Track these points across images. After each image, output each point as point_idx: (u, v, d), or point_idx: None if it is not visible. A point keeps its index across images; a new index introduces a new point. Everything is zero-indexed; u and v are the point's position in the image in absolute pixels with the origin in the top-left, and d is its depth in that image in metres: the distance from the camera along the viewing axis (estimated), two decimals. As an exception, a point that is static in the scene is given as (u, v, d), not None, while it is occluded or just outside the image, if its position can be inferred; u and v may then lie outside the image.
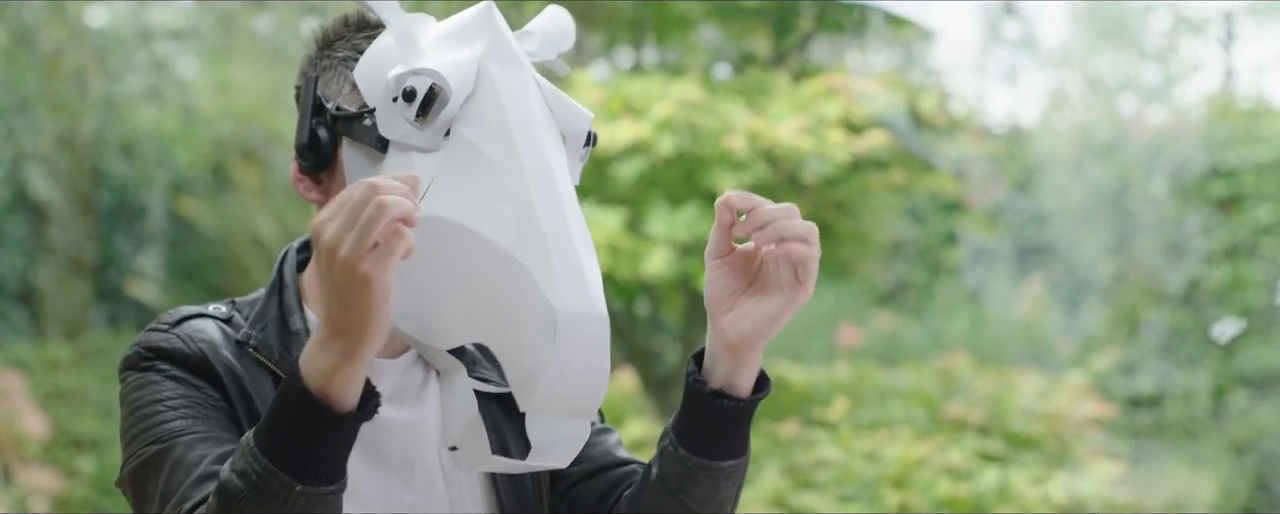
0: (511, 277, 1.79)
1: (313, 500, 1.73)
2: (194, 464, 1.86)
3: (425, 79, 1.86)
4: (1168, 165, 12.46)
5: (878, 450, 7.37)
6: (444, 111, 1.86)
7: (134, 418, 1.93)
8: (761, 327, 1.91)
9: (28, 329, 11.20)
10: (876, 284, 13.23)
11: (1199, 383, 11.84)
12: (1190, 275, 11.92)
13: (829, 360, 10.98)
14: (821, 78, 7.81)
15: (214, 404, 1.94)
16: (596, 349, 1.77)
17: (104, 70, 11.68)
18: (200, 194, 11.87)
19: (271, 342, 1.98)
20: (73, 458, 9.62)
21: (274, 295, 2.04)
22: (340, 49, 2.00)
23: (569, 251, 1.77)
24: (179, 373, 1.95)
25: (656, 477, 1.99)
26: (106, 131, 11.77)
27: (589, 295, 1.76)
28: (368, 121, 1.91)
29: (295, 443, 1.72)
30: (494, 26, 1.91)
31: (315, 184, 2.00)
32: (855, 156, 7.57)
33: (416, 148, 1.87)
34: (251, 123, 11.48)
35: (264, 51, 12.02)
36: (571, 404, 1.79)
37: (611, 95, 7.33)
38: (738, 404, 1.94)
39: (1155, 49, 17.70)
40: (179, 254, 12.14)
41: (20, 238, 11.24)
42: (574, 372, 1.76)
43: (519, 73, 1.88)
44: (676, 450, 1.96)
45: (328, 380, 1.70)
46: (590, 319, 1.76)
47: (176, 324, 1.99)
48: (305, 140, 1.98)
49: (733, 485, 2.00)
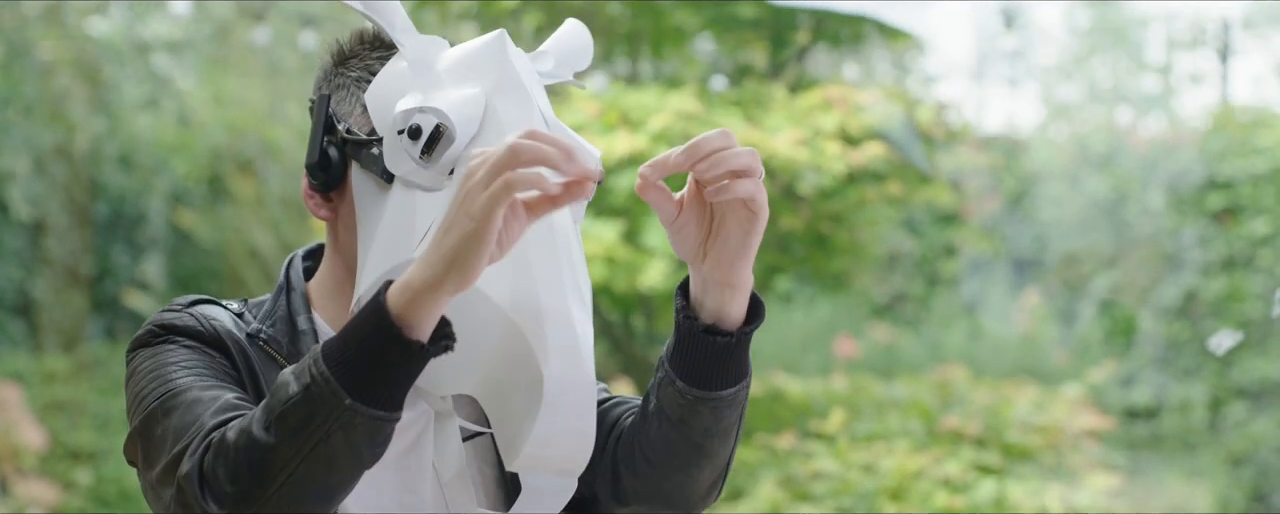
0: (504, 335, 1.79)
1: (360, 419, 1.71)
2: (211, 400, 1.85)
3: (431, 118, 1.85)
4: (1165, 177, 12.46)
5: (875, 462, 7.37)
6: (449, 152, 1.85)
7: (142, 382, 1.92)
8: (737, 258, 1.86)
9: (25, 341, 11.20)
10: (873, 296, 13.23)
11: (1196, 395, 11.84)
12: (1187, 287, 11.92)
13: (826, 372, 10.97)
14: (818, 90, 7.81)
15: (226, 371, 1.93)
16: (583, 415, 1.77)
17: (100, 81, 11.68)
18: (197, 205, 11.87)
19: (281, 338, 1.99)
20: (70, 470, 9.61)
21: (281, 297, 2.04)
22: (354, 68, 1.99)
23: (563, 315, 1.77)
24: (191, 343, 1.95)
25: (656, 408, 1.96)
26: (103, 143, 11.77)
27: (579, 361, 1.76)
28: (376, 150, 1.91)
29: (359, 357, 1.70)
30: (505, 58, 1.89)
31: (325, 202, 2.00)
32: (852, 168, 7.57)
33: (420, 186, 1.86)
34: (248, 134, 11.48)
35: (261, 63, 12.03)
36: (556, 466, 1.79)
37: (608, 107, 7.34)
38: (731, 338, 1.90)
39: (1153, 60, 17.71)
40: (176, 265, 12.13)
41: (17, 249, 11.24)
42: (559, 436, 1.76)
43: (526, 111, 1.86)
44: (675, 383, 1.92)
45: (407, 302, 1.68)
46: (578, 386, 1.76)
47: (190, 306, 2.00)
48: (316, 159, 1.97)
49: (736, 410, 1.96)
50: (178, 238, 12.01)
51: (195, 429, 1.81)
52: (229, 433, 1.76)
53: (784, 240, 8.10)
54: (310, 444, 1.72)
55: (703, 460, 1.97)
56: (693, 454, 1.96)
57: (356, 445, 1.73)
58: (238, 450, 1.75)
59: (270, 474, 1.74)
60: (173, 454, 1.82)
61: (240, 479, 1.74)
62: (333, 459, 1.73)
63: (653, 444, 1.96)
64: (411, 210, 1.86)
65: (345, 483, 1.78)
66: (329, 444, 1.72)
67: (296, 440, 1.72)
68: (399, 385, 1.73)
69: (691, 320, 1.91)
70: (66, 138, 11.30)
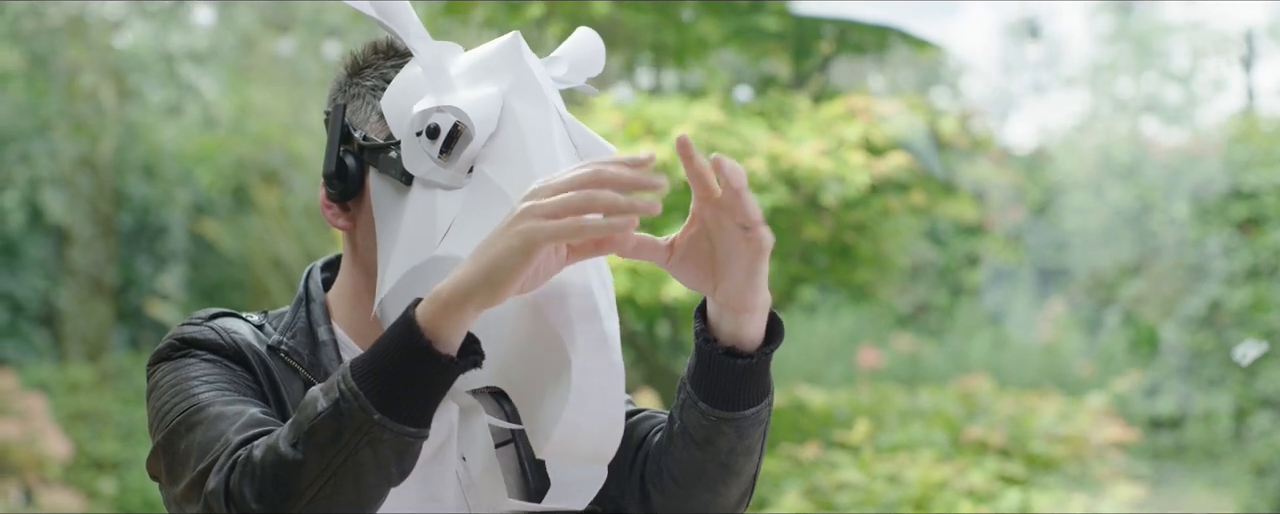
0: (529, 324, 1.79)
1: (389, 434, 1.71)
2: (236, 415, 1.83)
3: (449, 117, 1.85)
4: (1188, 187, 12.44)
5: (899, 473, 7.36)
6: (467, 150, 1.85)
7: (165, 396, 1.90)
8: (746, 287, 1.84)
9: (49, 351, 11.23)
10: (897, 306, 13.23)
11: (1220, 405, 11.82)
12: (1211, 297, 11.89)
13: (850, 382, 10.97)
14: (841, 100, 7.80)
15: (248, 385, 1.92)
16: (612, 401, 1.77)
17: (124, 91, 11.72)
18: (221, 215, 11.90)
19: (302, 349, 1.98)
20: (94, 479, 9.64)
21: (301, 308, 2.04)
22: (369, 77, 1.99)
23: (587, 302, 1.77)
24: (212, 357, 1.93)
25: (680, 429, 1.95)
26: (127, 153, 11.81)
27: (605, 346, 1.76)
28: (394, 154, 1.90)
29: (388, 372, 1.70)
30: (520, 60, 1.90)
31: (343, 211, 2.00)
32: (875, 179, 7.56)
33: (440, 185, 1.87)
34: (272, 145, 11.51)
35: (285, 74, 12.06)
36: (585, 452, 1.79)
37: (632, 117, 7.34)
38: (751, 359, 1.89)
39: (1177, 70, 17.68)
40: (199, 275, 12.17)
41: (41, 260, 11.27)
42: (588, 422, 1.76)
43: (543, 110, 1.87)
44: (697, 405, 1.91)
45: (436, 313, 1.69)
46: (606, 371, 1.76)
47: (210, 319, 1.98)
48: (333, 168, 1.96)
49: (759, 428, 1.95)
50: (202, 248, 12.05)
51: (220, 445, 1.80)
52: (256, 450, 1.76)
53: (808, 251, 8.09)
54: (339, 460, 1.72)
55: (729, 478, 1.97)
56: (719, 473, 1.96)
57: (384, 461, 1.73)
58: (265, 467, 1.74)
59: (298, 491, 1.73)
60: (198, 470, 1.81)
61: (267, 496, 1.73)
62: (360, 476, 1.73)
63: (680, 464, 1.96)
64: (432, 209, 1.86)
65: (373, 500, 1.77)
66: (357, 460, 1.72)
67: (324, 457, 1.72)
68: (428, 401, 1.73)
69: (711, 343, 1.90)
70: (90, 148, 11.34)
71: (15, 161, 11.11)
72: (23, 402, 9.08)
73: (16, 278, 11.11)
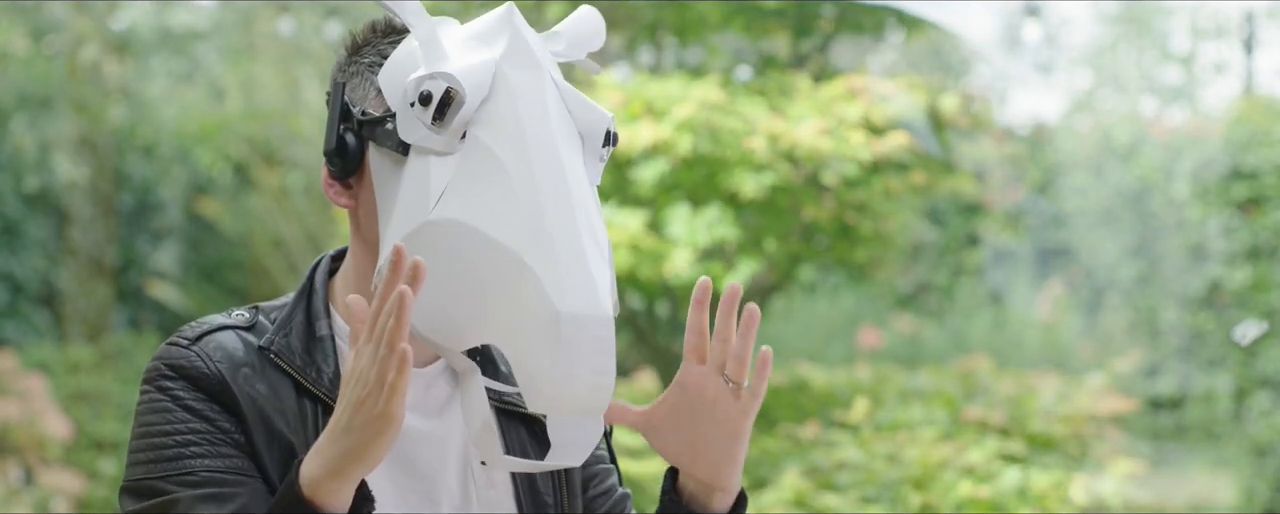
0: (520, 279, 1.81)
1: None
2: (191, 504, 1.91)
3: (441, 82, 1.87)
4: (1189, 167, 12.44)
5: (898, 452, 7.36)
6: (460, 114, 1.87)
7: (144, 441, 1.96)
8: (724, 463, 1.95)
9: (50, 331, 11.23)
10: (897, 286, 13.23)
11: (1220, 385, 11.82)
12: (1211, 277, 11.90)
13: (849, 362, 10.97)
14: (842, 79, 7.80)
15: (227, 437, 1.96)
16: (601, 351, 1.79)
17: (125, 70, 11.70)
18: (221, 195, 11.89)
19: (294, 347, 2.00)
20: (94, 460, 9.64)
21: (302, 301, 2.05)
22: (367, 55, 2.01)
23: (576, 253, 1.80)
24: (195, 398, 1.96)
25: None
26: (127, 132, 11.79)
27: (594, 297, 1.79)
28: (390, 125, 1.92)
29: None
30: (513, 28, 1.92)
31: (345, 189, 2.01)
32: (876, 158, 7.56)
33: (434, 151, 1.89)
34: (273, 124, 11.50)
35: (286, 53, 12.04)
36: (578, 405, 1.82)
37: (632, 97, 7.33)
38: None
39: (1177, 51, 17.67)
40: (200, 255, 12.16)
41: (41, 240, 11.27)
42: (579, 373, 1.78)
43: (536, 74, 1.89)
44: None
45: (319, 485, 1.79)
46: (595, 321, 1.78)
47: (196, 340, 2.00)
48: (334, 146, 1.98)
49: None
50: (202, 228, 12.04)
51: None
52: None
53: (808, 230, 8.09)
54: None
55: None
56: None
57: None
58: None
59: None
60: None
61: None
62: None
63: None
64: (426, 175, 1.89)
65: None
66: None
67: None
68: None
69: (675, 503, 1.99)
70: (91, 127, 11.33)
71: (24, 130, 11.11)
72: (23, 382, 9.09)
73: (17, 258, 11.11)
